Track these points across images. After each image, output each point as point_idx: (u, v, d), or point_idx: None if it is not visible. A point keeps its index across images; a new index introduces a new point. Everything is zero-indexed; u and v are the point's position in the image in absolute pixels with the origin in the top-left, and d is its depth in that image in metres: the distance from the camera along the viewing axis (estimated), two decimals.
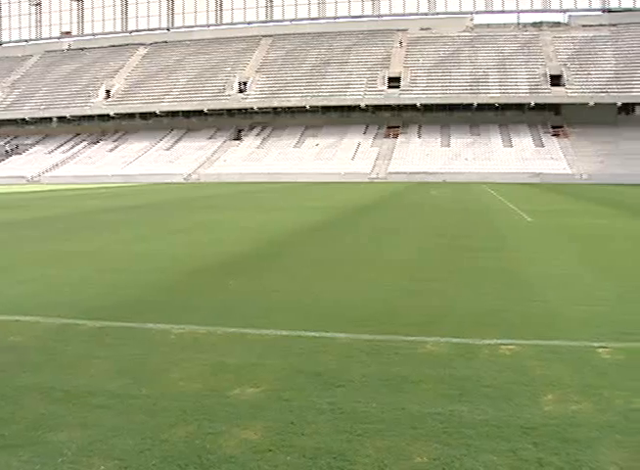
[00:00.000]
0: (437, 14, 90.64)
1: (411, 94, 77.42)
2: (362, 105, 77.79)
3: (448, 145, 73.41)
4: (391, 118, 79.16)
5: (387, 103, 78.20)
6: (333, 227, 19.11)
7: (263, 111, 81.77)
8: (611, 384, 5.37)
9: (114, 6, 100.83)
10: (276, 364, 5.79)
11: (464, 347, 6.41)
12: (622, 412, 4.75)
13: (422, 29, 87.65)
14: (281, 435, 4.26)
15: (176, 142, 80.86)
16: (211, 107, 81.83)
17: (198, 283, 9.90)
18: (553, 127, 75.60)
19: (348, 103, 78.31)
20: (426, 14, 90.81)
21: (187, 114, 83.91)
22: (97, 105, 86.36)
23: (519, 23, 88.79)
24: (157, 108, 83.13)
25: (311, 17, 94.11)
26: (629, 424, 4.54)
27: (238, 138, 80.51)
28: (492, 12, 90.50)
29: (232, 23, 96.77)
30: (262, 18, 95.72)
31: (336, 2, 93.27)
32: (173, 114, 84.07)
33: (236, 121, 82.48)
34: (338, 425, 4.45)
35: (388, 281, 10.06)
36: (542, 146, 72.40)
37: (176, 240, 15.75)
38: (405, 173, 64.63)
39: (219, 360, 5.90)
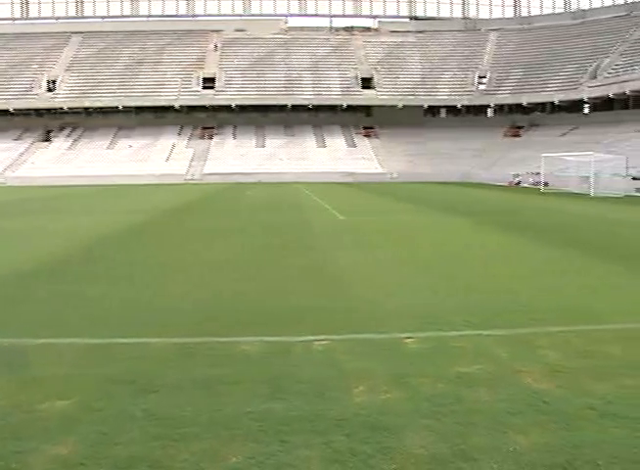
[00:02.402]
0: (252, 15, 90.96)
1: (226, 95, 77.35)
2: (176, 105, 76.80)
3: (263, 146, 74.05)
4: (206, 119, 78.69)
5: (201, 104, 77.62)
6: (147, 230, 18.77)
7: (74, 111, 78.71)
8: (417, 372, 5.67)
9: None
10: (88, 374, 5.64)
11: (278, 345, 6.53)
12: (428, 398, 5.05)
13: (237, 31, 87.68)
14: (93, 447, 4.16)
15: None
16: (18, 106, 77.79)
17: (2, 293, 9.42)
18: (364, 128, 78.12)
19: (162, 103, 76.99)
20: (241, 15, 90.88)
21: None
22: None
23: (331, 27, 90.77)
24: None
25: (124, 14, 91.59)
26: (434, 408, 4.83)
27: (47, 139, 77.11)
28: (306, 15, 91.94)
29: (39, 18, 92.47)
30: (72, 13, 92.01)
31: (149, 0, 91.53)
32: None
33: (45, 122, 78.92)
34: (152, 432, 4.41)
35: (202, 283, 10.05)
36: (354, 146, 74.64)
37: None
38: (221, 174, 64.47)
39: (27, 374, 5.65)
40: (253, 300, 8.78)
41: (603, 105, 68.37)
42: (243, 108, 77.53)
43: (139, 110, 78.03)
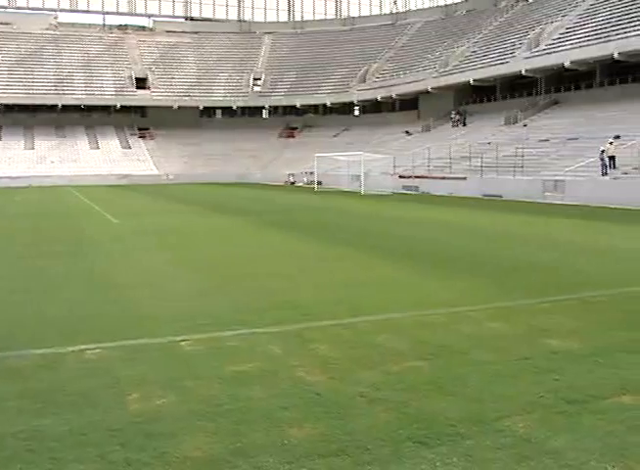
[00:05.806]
0: (19, 8, 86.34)
1: None
2: None
3: (32, 148, 70.53)
4: None
5: None
6: None
7: None
8: (192, 374, 5.70)
9: None
10: None
11: (47, 357, 6.28)
12: (204, 399, 5.08)
13: (1, 24, 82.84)
14: None
15: None
16: None
17: None
18: (140, 129, 76.73)
19: None
20: (5, 7, 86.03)
21: None
22: None
23: (104, 25, 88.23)
24: None
25: None
26: (210, 409, 4.87)
27: None
28: (77, 11, 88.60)
29: None
30: None
31: None
32: None
33: None
34: None
35: None
36: (129, 148, 73.18)
37: None
38: None
39: None
40: (22, 310, 8.40)
41: (372, 107, 71.96)
42: (9, 107, 73.40)
43: None
